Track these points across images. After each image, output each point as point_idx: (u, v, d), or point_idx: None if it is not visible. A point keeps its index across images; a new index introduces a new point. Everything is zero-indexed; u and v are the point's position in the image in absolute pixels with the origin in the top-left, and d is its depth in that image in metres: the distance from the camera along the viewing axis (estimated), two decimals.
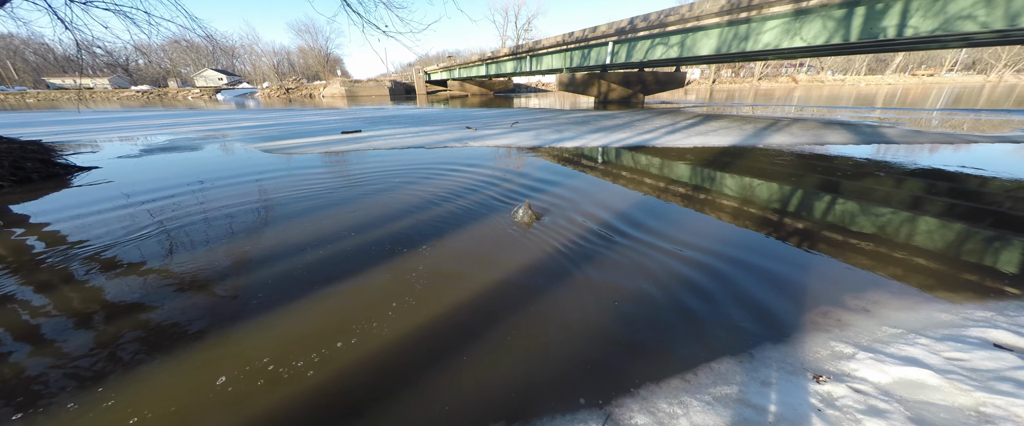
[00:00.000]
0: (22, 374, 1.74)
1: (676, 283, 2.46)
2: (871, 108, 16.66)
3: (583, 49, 19.25)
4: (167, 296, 2.38)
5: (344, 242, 3.13)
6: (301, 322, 2.09)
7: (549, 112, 16.75)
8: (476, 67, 35.14)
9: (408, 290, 2.38)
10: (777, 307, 2.20)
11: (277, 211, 3.94)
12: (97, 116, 17.58)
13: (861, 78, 59.06)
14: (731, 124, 11.07)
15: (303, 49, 70.91)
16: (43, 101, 36.16)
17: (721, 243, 3.07)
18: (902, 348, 1.83)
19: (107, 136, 10.29)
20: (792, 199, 4.28)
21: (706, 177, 5.22)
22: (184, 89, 51.27)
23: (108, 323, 2.11)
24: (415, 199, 4.26)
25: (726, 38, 12.29)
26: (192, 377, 1.71)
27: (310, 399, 1.58)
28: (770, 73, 62.60)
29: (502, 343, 1.90)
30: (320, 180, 5.21)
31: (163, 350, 1.89)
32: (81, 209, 4.14)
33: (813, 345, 1.87)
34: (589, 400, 1.55)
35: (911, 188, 4.65)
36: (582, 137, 8.88)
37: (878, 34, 8.86)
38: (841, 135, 8.75)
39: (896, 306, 2.21)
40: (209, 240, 3.23)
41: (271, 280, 2.55)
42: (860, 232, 3.31)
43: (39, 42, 10.62)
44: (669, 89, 24.03)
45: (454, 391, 1.61)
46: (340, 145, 8.12)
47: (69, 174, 5.82)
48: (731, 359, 1.77)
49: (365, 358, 1.81)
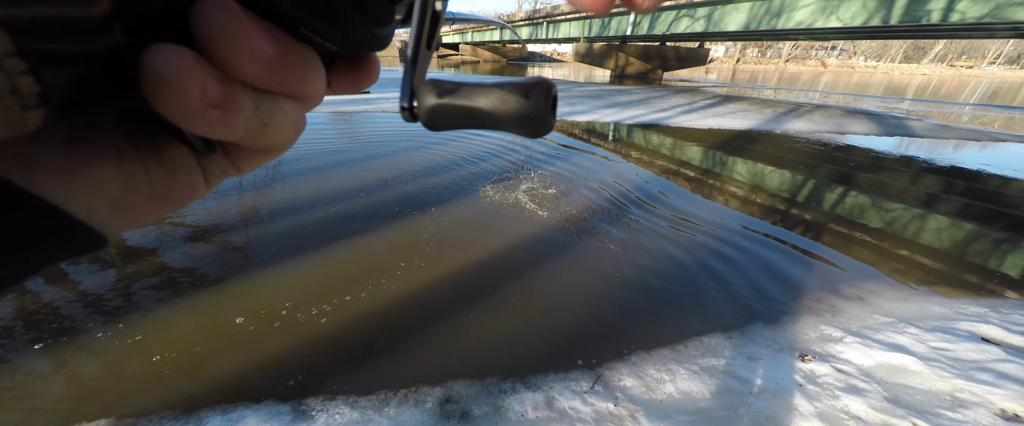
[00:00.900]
0: (51, 306, 1.87)
1: (675, 259, 2.50)
2: (900, 99, 15.92)
3: (603, 17, 18.31)
4: (182, 244, 2.47)
5: (353, 201, 3.18)
6: (312, 274, 2.18)
7: (562, 84, 16.23)
8: (490, 31, 33.69)
9: (416, 251, 2.45)
10: (773, 290, 2.25)
11: (285, 167, 3.98)
12: None
13: (895, 66, 55.88)
14: (750, 107, 10.70)
15: None
16: None
17: (725, 224, 3.08)
18: (890, 335, 1.88)
19: None
20: (802, 188, 4.22)
21: (718, 160, 5.14)
22: None
23: (127, 265, 2.22)
24: (423, 163, 4.26)
25: (757, 13, 11.59)
26: (209, 320, 1.82)
27: (320, 344, 1.69)
28: (798, 55, 59.35)
29: (504, 305, 1.98)
30: (329, 139, 5.20)
31: (181, 293, 2.00)
32: None
33: (803, 327, 1.93)
34: (582, 362, 1.64)
35: (926, 185, 4.55)
36: (595, 111, 8.66)
37: (921, 18, 8.30)
38: (864, 125, 8.45)
39: (891, 297, 2.24)
40: (218, 192, 3.30)
41: (283, 234, 2.63)
42: (866, 225, 3.29)
43: None
44: (690, 66, 22.99)
45: (457, 346, 1.71)
46: (348, 105, 8.02)
47: None
48: (721, 335, 1.84)
49: (374, 310, 1.91)
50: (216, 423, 1.34)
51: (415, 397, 1.45)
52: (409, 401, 1.44)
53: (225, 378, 1.51)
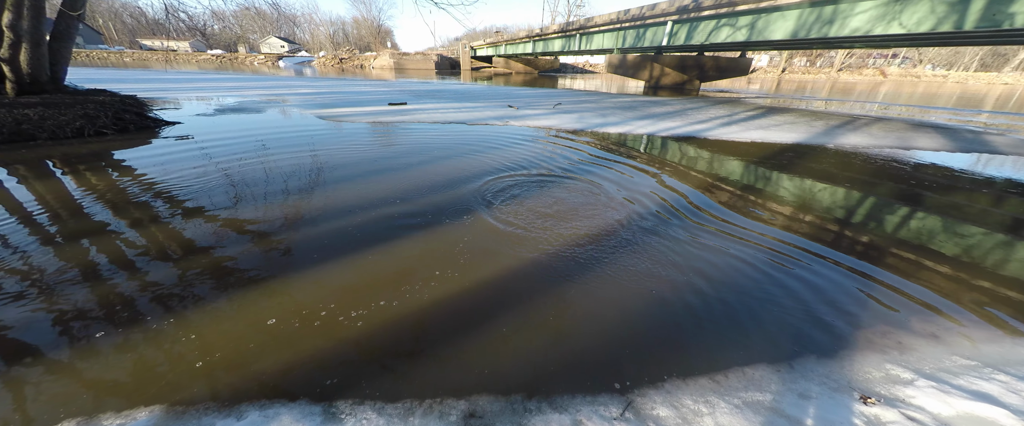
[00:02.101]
0: (118, 293, 2.06)
1: (717, 280, 2.35)
2: (977, 111, 14.29)
3: (638, 28, 18.06)
4: (234, 243, 2.66)
5: (390, 208, 3.30)
6: (350, 278, 2.26)
7: (595, 95, 16.11)
8: (523, 44, 34.30)
9: (451, 259, 2.48)
10: (828, 319, 2.04)
11: (329, 174, 4.21)
12: (180, 76, 19.47)
13: (970, 75, 50.27)
14: (798, 119, 10.03)
15: (357, 20, 72.88)
16: (137, 60, 40.52)
17: (771, 245, 2.86)
18: (973, 381, 1.64)
19: (187, 95, 11.40)
20: (860, 207, 3.86)
21: (762, 175, 4.83)
22: (251, 54, 55.08)
23: (183, 261, 2.42)
24: (458, 172, 4.35)
25: (806, 21, 10.95)
26: (251, 316, 1.93)
27: (355, 347, 1.73)
28: (853, 64, 55.14)
29: (533, 318, 1.95)
30: (368, 148, 5.46)
31: (229, 289, 2.14)
32: (167, 159, 4.68)
33: (865, 365, 1.73)
34: (613, 385, 1.56)
35: (1013, 208, 4.01)
36: (628, 123, 8.49)
37: (1002, 22, 7.45)
38: (932, 140, 7.64)
39: (974, 337, 1.97)
40: (268, 195, 3.54)
41: (325, 238, 2.76)
42: (939, 251, 2.94)
43: (134, 6, 11.69)
44: (730, 76, 22.04)
45: (485, 358, 1.69)
46: (387, 116, 8.41)
47: (158, 127, 6.56)
48: (768, 366, 1.69)
49: (406, 317, 1.94)
50: (254, 418, 1.40)
51: (440, 409, 1.45)
52: (434, 412, 1.43)
53: (266, 375, 1.58)
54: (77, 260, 2.38)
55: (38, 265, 2.31)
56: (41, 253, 2.46)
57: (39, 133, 5.40)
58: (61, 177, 3.99)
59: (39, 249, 2.51)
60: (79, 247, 2.54)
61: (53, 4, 8.89)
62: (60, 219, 2.99)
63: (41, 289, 2.08)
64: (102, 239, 2.67)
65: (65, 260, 2.37)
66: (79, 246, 2.56)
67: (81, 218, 3.01)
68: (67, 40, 7.33)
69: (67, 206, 3.25)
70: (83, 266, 2.31)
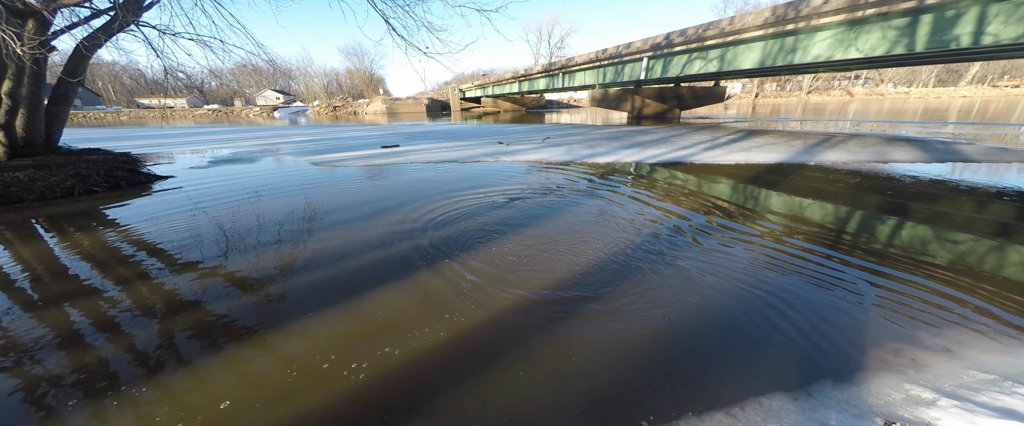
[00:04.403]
0: (97, 357, 1.94)
1: (722, 306, 2.30)
2: (943, 123, 15.06)
3: (617, 65, 19.18)
4: (224, 295, 2.57)
5: (387, 250, 3.25)
6: (347, 326, 2.17)
7: (581, 127, 16.72)
8: (509, 85, 36.02)
9: (452, 301, 2.41)
10: (839, 340, 1.99)
11: (322, 220, 4.19)
12: (175, 131, 19.86)
13: (929, 90, 53.72)
14: (777, 140, 10.44)
15: (350, 70, 76.59)
16: (134, 118, 41.49)
17: (767, 266, 2.85)
18: (996, 397, 1.58)
19: (182, 149, 11.56)
20: (851, 221, 3.92)
21: (750, 196, 4.93)
22: (247, 107, 56.86)
23: (171, 317, 2.32)
24: (453, 208, 4.36)
25: (771, 51, 11.74)
26: (244, 372, 1.82)
27: (354, 402, 1.62)
28: (821, 86, 58.67)
29: (537, 357, 1.86)
30: (362, 191, 5.50)
31: (219, 345, 2.03)
32: (158, 214, 4.64)
33: (882, 387, 1.66)
34: (623, 425, 1.47)
35: (997, 212, 4.10)
36: (615, 152, 8.74)
37: (949, 44, 8.08)
38: (907, 152, 7.96)
39: (986, 348, 1.92)
40: (260, 245, 3.48)
41: (321, 284, 2.69)
42: (936, 262, 2.95)
43: (134, 68, 12.20)
44: (707, 104, 23.20)
45: (490, 401, 1.59)
46: (380, 159, 8.56)
47: (150, 182, 6.57)
48: (784, 395, 1.62)
49: (408, 364, 1.84)
50: None
51: None
52: None
53: None
54: (52, 322, 2.26)
55: (7, 331, 2.19)
56: (10, 317, 2.34)
57: (27, 195, 5.37)
58: (45, 237, 3.91)
59: (9, 313, 2.39)
60: (55, 308, 2.43)
61: (54, 71, 9.24)
62: (39, 280, 2.88)
63: (11, 357, 1.96)
64: (79, 298, 2.56)
65: (39, 323, 2.25)
66: (55, 307, 2.45)
67: (61, 278, 2.91)
68: (65, 104, 7.52)
69: (48, 266, 3.15)
70: (59, 329, 2.20)
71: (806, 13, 10.01)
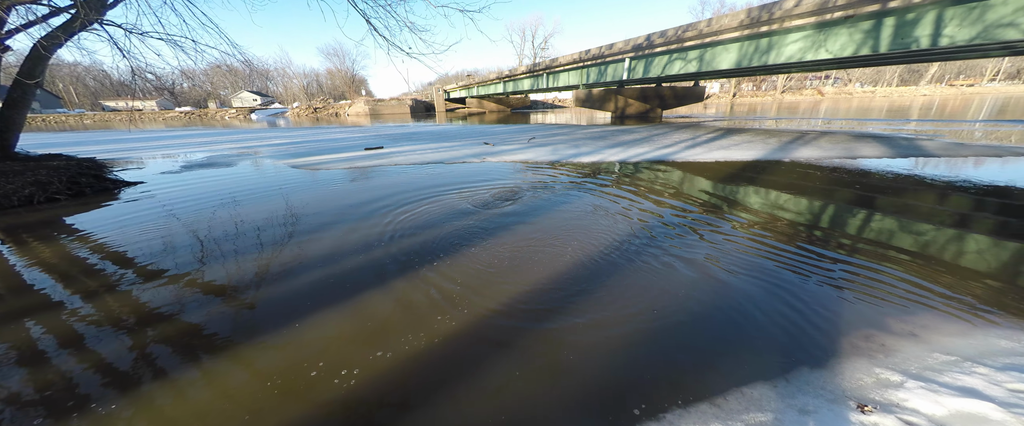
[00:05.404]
0: (64, 376, 1.84)
1: (703, 299, 2.36)
2: (905, 120, 15.90)
3: (600, 66, 19.44)
4: (199, 305, 2.48)
5: (375, 252, 3.20)
6: (338, 329, 2.13)
7: (566, 127, 16.86)
8: (494, 85, 36.00)
9: (443, 302, 2.39)
10: (813, 329, 2.07)
11: (303, 224, 4.09)
12: (145, 135, 19.00)
13: (893, 89, 56.65)
14: (754, 138, 10.80)
15: (331, 71, 74.92)
16: (98, 122, 39.45)
17: (746, 259, 2.94)
18: (958, 377, 1.68)
19: (152, 153, 11.07)
20: (824, 215, 4.09)
21: (730, 191, 5.08)
22: (222, 109, 54.94)
23: (143, 330, 2.21)
24: (434, 214, 4.33)
25: (747, 52, 12.13)
26: (220, 384, 1.76)
27: (342, 407, 1.59)
28: (794, 86, 61.00)
29: (524, 356, 1.87)
30: (344, 194, 5.39)
31: (194, 357, 1.95)
32: (126, 221, 4.43)
33: (855, 371, 1.74)
34: (608, 422, 1.49)
35: (956, 204, 4.36)
36: (600, 152, 8.86)
37: (910, 44, 8.54)
38: (875, 148, 8.36)
39: (948, 331, 2.04)
40: (238, 251, 3.37)
41: (301, 290, 2.62)
42: (902, 250, 3.11)
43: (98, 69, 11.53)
44: (688, 103, 23.77)
45: (477, 402, 1.58)
46: (363, 161, 8.41)
47: (118, 188, 6.26)
48: (765, 384, 1.67)
49: (400, 368, 1.81)
50: None
51: None
52: None
53: None
54: (12, 339, 2.13)
55: None
56: None
57: None
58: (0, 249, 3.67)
59: None
60: (15, 324, 2.29)
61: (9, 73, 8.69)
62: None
63: None
64: (41, 312, 2.42)
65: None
66: (15, 323, 2.30)
67: (20, 292, 2.74)
68: (21, 107, 7.09)
69: (5, 279, 2.96)
70: (20, 346, 2.07)
71: (779, 15, 10.40)
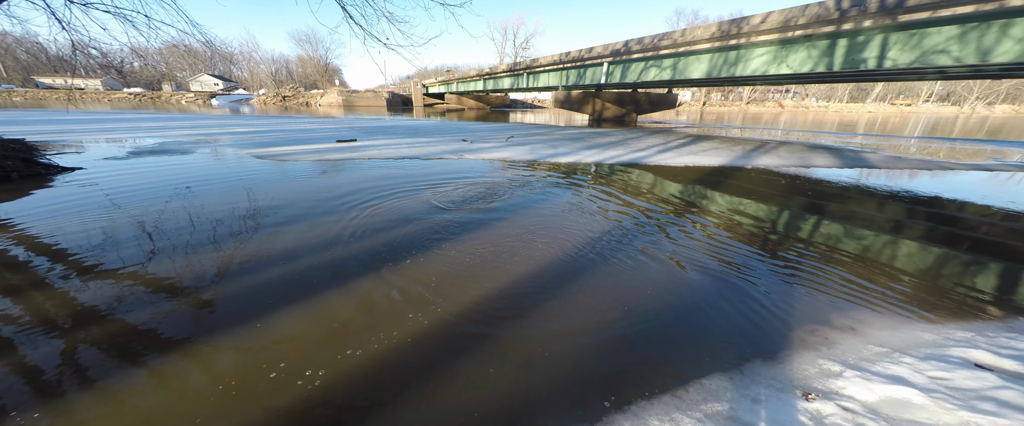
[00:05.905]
0: None
1: (664, 297, 2.47)
2: (853, 134, 17.30)
3: (579, 68, 19.77)
4: (145, 303, 2.30)
5: (344, 247, 3.09)
6: (306, 328, 2.04)
7: (544, 128, 17.02)
8: (474, 82, 35.72)
9: (414, 301, 2.35)
10: (766, 324, 2.22)
11: (267, 217, 3.89)
12: (86, 117, 17.31)
13: (843, 106, 61.69)
14: (721, 145, 11.37)
15: (302, 58, 71.45)
16: (30, 100, 35.53)
17: (709, 259, 3.10)
18: (887, 367, 1.85)
19: (94, 137, 10.12)
20: (779, 219, 4.38)
21: (696, 195, 5.32)
22: (178, 93, 51.03)
23: (80, 331, 2.03)
24: (408, 210, 4.24)
25: (717, 63, 12.76)
26: (169, 387, 1.64)
27: (310, 405, 1.52)
28: (758, 98, 64.88)
29: (494, 356, 1.87)
30: (313, 188, 5.17)
31: (139, 359, 1.81)
32: (60, 211, 4.02)
33: (802, 363, 1.88)
34: (579, 416, 1.53)
35: (893, 212, 4.80)
36: (577, 153, 9.01)
37: (859, 64, 9.31)
38: (826, 159, 9.04)
39: (881, 325, 2.25)
40: (192, 246, 3.16)
41: (260, 288, 2.49)
42: (845, 253, 3.39)
43: (32, 41, 10.40)
44: (661, 109, 24.70)
45: (447, 398, 1.57)
46: (335, 153, 8.10)
47: (51, 174, 5.68)
48: (722, 376, 1.77)
49: (361, 367, 1.76)
50: None
51: None
52: None
53: None
54: None
55: None
56: None
57: None
58: None
59: None
60: None
61: None
62: None
63: None
64: None
65: None
66: None
67: None
68: None
69: None
70: None
71: (746, 31, 11.02)
